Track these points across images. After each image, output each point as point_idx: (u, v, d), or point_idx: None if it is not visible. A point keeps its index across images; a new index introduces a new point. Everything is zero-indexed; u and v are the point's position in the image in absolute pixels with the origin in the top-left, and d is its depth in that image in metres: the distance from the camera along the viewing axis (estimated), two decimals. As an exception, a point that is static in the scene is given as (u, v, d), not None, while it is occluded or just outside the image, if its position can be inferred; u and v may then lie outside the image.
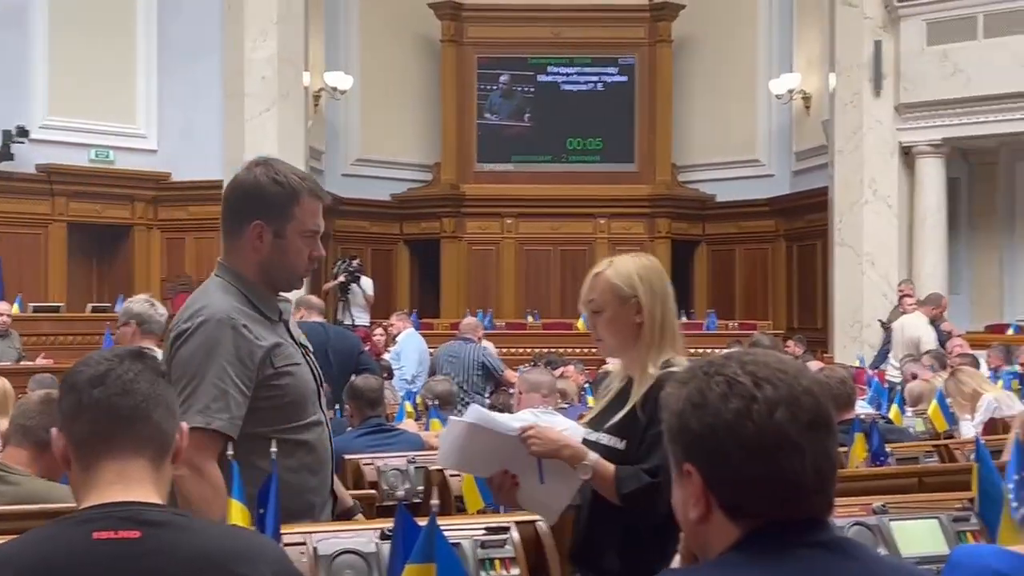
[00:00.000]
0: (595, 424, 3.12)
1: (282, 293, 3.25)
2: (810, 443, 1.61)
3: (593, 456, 2.97)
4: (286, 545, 2.70)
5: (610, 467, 2.95)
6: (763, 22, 19.18)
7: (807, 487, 1.61)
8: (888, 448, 5.48)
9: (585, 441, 3.08)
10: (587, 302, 3.13)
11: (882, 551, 3.30)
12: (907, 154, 15.45)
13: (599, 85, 19.86)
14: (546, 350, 13.01)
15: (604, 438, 3.07)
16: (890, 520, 3.38)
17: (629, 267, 3.10)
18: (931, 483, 4.47)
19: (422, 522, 2.47)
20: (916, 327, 12.23)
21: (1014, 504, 3.23)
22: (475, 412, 3.07)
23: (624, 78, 19.83)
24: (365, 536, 2.91)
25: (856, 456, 5.30)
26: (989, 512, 3.37)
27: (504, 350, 13.14)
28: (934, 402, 7.71)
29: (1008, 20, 14.43)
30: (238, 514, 2.84)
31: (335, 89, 18.26)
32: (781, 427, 1.59)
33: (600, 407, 3.21)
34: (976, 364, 9.84)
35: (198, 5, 16.00)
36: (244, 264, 3.14)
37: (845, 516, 3.39)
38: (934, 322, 12.76)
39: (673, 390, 1.71)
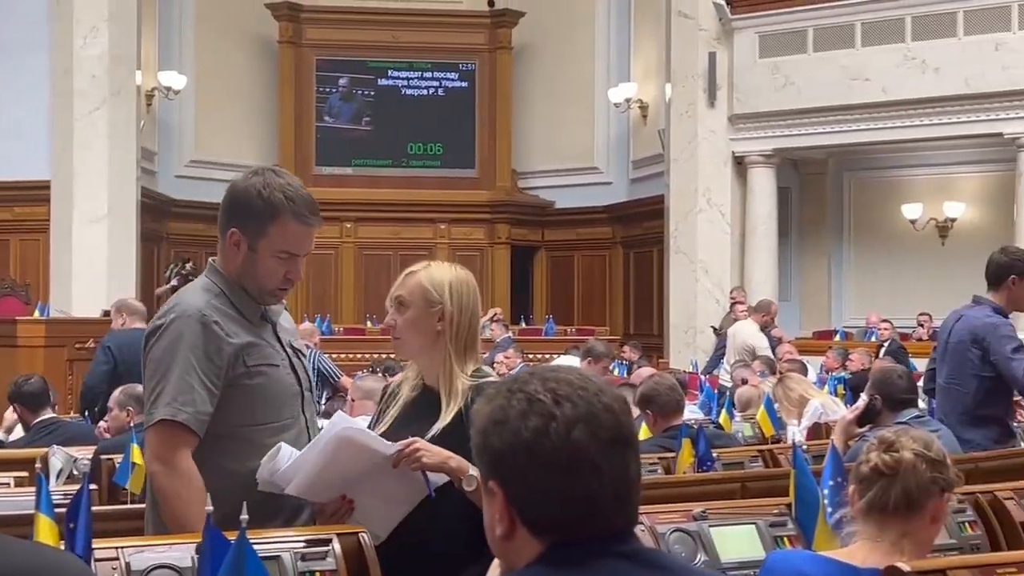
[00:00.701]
0: (393, 435, 3.02)
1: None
2: (609, 460, 1.62)
3: (474, 468, 2.89)
4: (98, 560, 2.61)
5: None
6: (601, 31, 19.40)
7: (606, 503, 1.62)
8: (715, 453, 5.55)
9: None
10: (394, 297, 3.08)
11: (702, 557, 3.32)
12: (740, 164, 15.80)
13: (440, 90, 19.85)
14: (384, 356, 12.89)
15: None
16: (709, 526, 3.39)
17: (443, 275, 3.06)
18: (754, 488, 4.53)
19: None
20: (749, 333, 12.48)
21: (829, 509, 3.28)
22: (344, 422, 2.92)
23: (464, 84, 19.86)
24: (181, 550, 2.79)
25: (683, 462, 5.35)
26: (805, 517, 3.42)
27: (343, 356, 13.00)
28: (762, 407, 7.85)
29: (836, 35, 14.88)
30: (46, 530, 2.73)
31: (169, 89, 17.84)
32: (579, 445, 1.60)
33: (394, 416, 3.13)
34: (804, 370, 10.08)
35: (26, 2, 15.43)
36: (227, 265, 3.13)
37: (666, 523, 3.40)
38: (765, 328, 13.06)
39: (480, 407, 1.71)
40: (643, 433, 6.28)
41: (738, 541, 3.38)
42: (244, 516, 2.36)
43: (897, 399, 5.45)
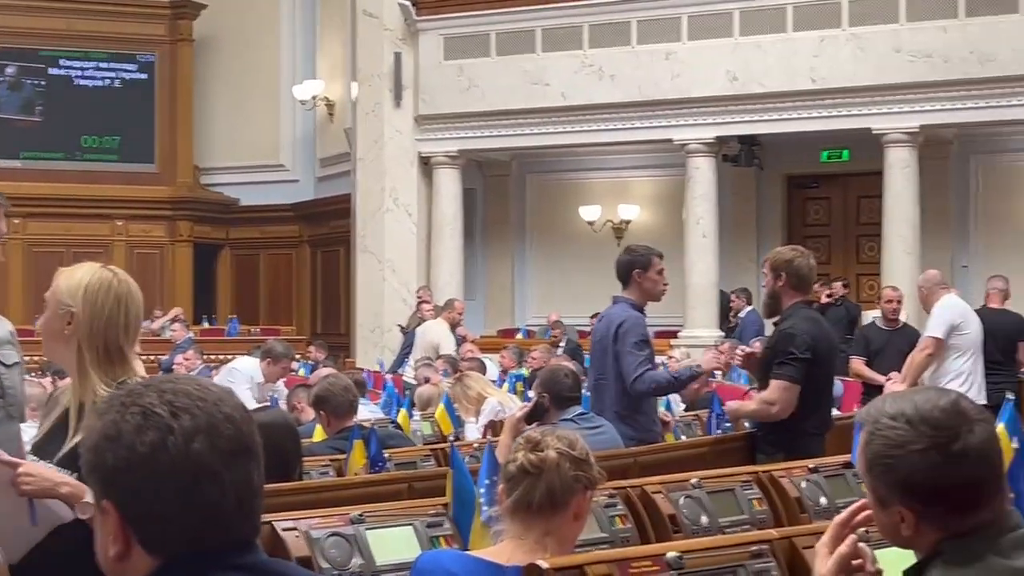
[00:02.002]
0: (41, 451, 2.84)
1: None
2: (231, 471, 1.58)
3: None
4: None
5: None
6: (286, 27, 19.17)
7: (228, 514, 1.58)
8: (387, 454, 5.54)
9: None
10: (45, 297, 2.92)
11: (357, 561, 3.29)
12: (426, 164, 15.91)
13: (117, 82, 19.11)
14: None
15: (54, 470, 2.80)
16: (366, 529, 3.37)
17: (81, 277, 2.89)
18: (421, 488, 4.53)
19: None
20: (437, 332, 12.59)
21: (485, 508, 3.31)
22: None
23: (144, 75, 19.20)
24: None
25: (355, 463, 5.30)
26: (462, 516, 3.43)
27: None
28: (441, 406, 7.92)
29: (518, 40, 15.20)
30: None
31: None
32: (200, 457, 1.55)
33: (47, 428, 2.95)
34: (484, 368, 10.23)
35: None
36: None
37: (323, 527, 3.35)
38: (453, 327, 13.22)
39: (90, 422, 1.65)
40: (318, 435, 6.21)
41: (395, 543, 3.37)
42: None
43: (563, 397, 5.60)
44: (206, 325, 17.23)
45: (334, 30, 18.06)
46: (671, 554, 2.63)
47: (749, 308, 13.26)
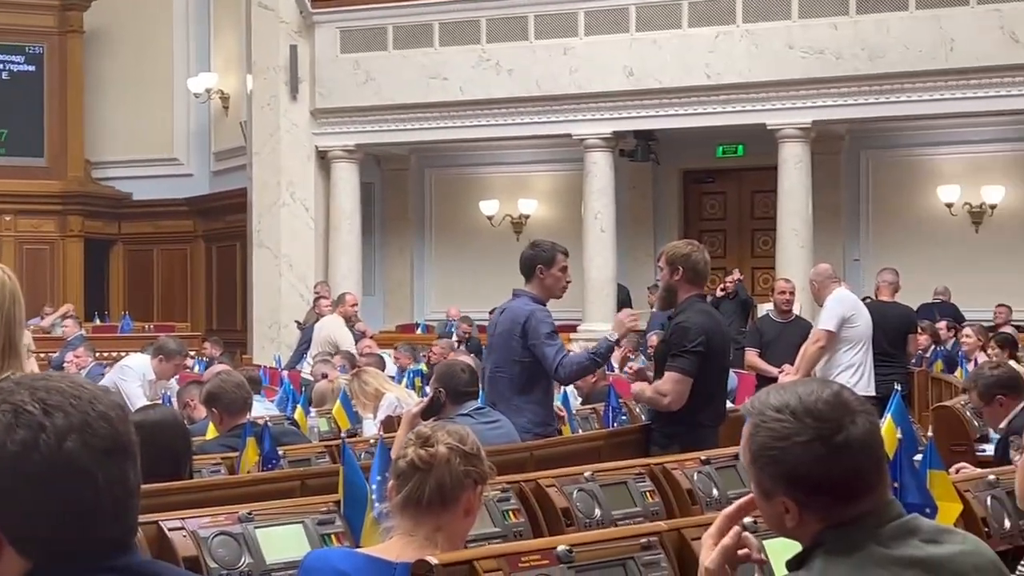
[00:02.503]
0: None
1: None
2: (106, 470, 1.54)
3: None
4: None
5: None
6: (179, 18, 18.87)
7: (103, 515, 1.54)
8: (282, 451, 5.47)
9: None
10: None
11: (246, 559, 3.24)
12: (323, 158, 15.77)
13: (4, 74, 18.64)
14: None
15: None
16: (255, 528, 3.31)
17: None
18: (314, 485, 4.48)
19: None
20: (334, 328, 12.50)
21: (377, 505, 3.27)
22: None
23: (32, 68, 18.75)
24: None
25: (247, 461, 5.23)
26: (353, 514, 3.40)
27: None
28: (338, 402, 7.85)
29: (415, 34, 15.13)
30: None
31: None
32: (72, 456, 1.51)
33: None
34: (382, 364, 10.16)
35: None
36: None
37: (211, 527, 3.29)
38: (349, 322, 13.13)
39: None
40: (210, 432, 6.11)
41: (285, 541, 3.33)
42: None
43: (460, 391, 5.59)
44: (98, 322, 16.89)
45: (229, 22, 17.82)
46: (561, 547, 2.62)
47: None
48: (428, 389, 6.10)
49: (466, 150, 16.76)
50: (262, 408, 8.15)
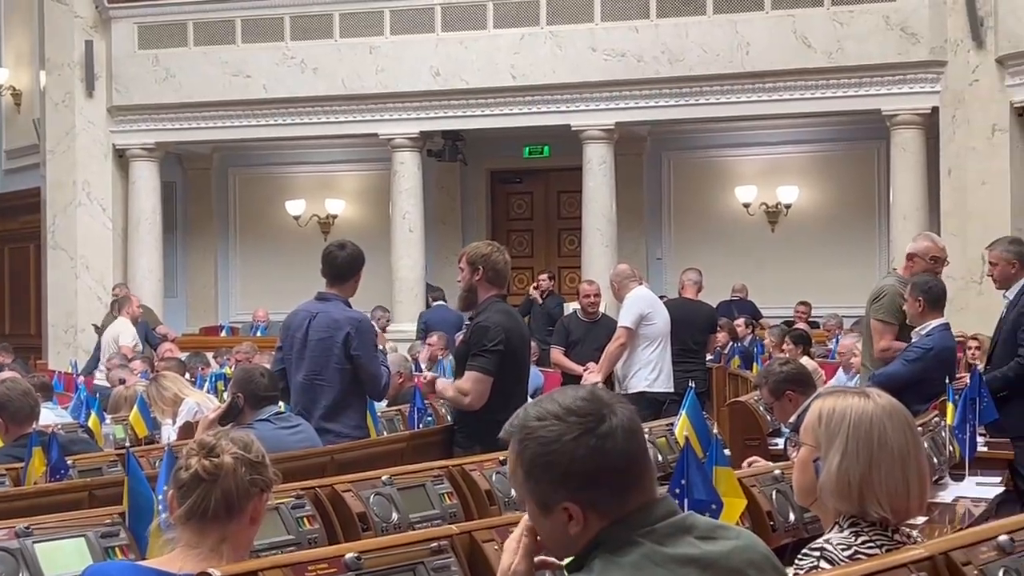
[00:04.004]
0: None
1: None
2: None
3: None
4: None
5: None
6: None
7: None
8: (71, 460, 5.27)
9: None
10: None
11: (24, 576, 3.09)
12: (122, 156, 15.32)
13: None
14: None
15: None
16: (34, 542, 3.17)
17: None
18: (103, 496, 4.31)
19: None
20: (120, 330, 12.23)
21: (163, 515, 3.16)
22: None
23: None
24: None
25: (34, 471, 5.02)
26: (139, 525, 3.28)
27: None
28: (135, 408, 7.63)
29: (217, 30, 14.82)
30: None
31: None
32: None
33: None
34: (182, 368, 9.92)
35: None
36: None
37: (-14, 542, 3.13)
38: (145, 323, 12.85)
39: None
40: (-3, 442, 5.86)
41: (66, 556, 3.19)
42: None
43: (259, 396, 5.48)
44: None
45: (20, 16, 17.12)
46: (349, 555, 2.58)
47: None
48: (227, 394, 5.95)
49: (271, 149, 16.51)
50: (54, 416, 7.86)
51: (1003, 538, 2.47)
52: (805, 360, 8.75)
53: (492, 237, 16.05)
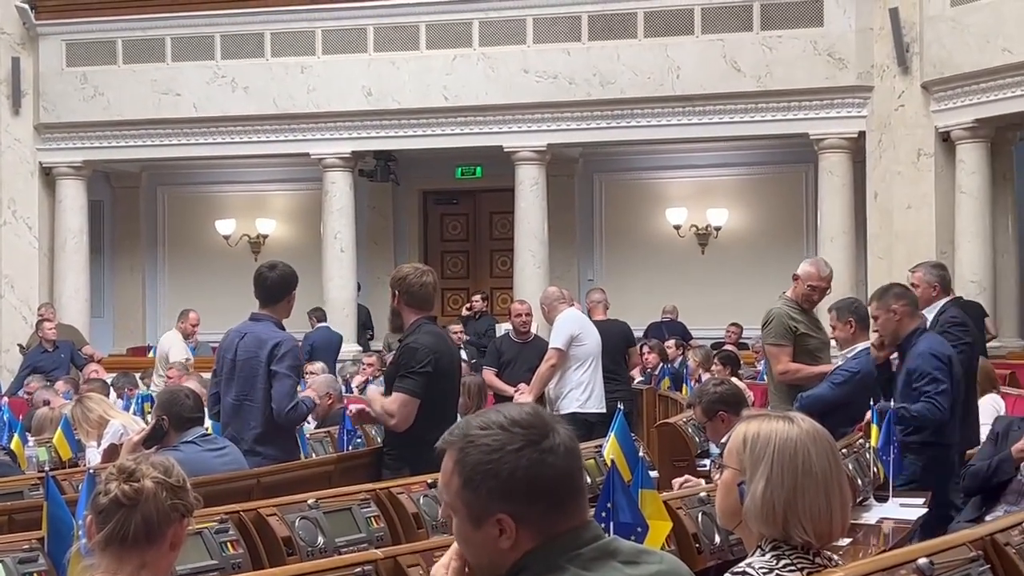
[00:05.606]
0: None
1: None
2: None
3: None
4: None
5: None
6: None
7: None
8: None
9: None
10: None
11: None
12: (48, 175, 15.11)
13: None
14: None
15: None
16: (-54, 571, 3.10)
17: None
18: (23, 520, 4.25)
19: None
20: (175, 344, 12.11)
21: (83, 540, 3.11)
22: None
23: None
24: None
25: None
26: (58, 551, 3.22)
27: None
28: (59, 430, 7.52)
29: (146, 48, 14.67)
30: None
31: None
32: None
33: None
34: (107, 389, 9.79)
35: None
36: None
37: None
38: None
39: None
40: (-88, 467, 5.74)
41: (-19, 584, 3.12)
42: None
43: (184, 418, 5.43)
44: None
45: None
46: (271, 582, 2.55)
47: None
48: (152, 416, 5.88)
49: (201, 168, 16.38)
50: (-25, 438, 7.73)
51: (922, 561, 2.49)
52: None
53: (425, 258, 16.04)
